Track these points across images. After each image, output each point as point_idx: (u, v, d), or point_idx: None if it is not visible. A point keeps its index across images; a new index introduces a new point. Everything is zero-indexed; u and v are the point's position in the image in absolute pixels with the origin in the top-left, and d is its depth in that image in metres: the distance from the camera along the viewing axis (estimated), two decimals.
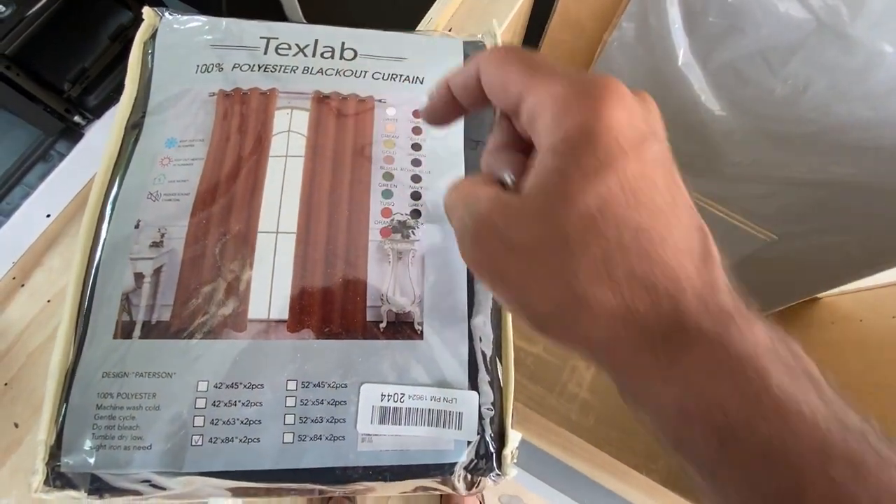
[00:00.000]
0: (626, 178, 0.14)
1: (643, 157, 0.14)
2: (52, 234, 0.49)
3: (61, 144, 0.86)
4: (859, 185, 0.62)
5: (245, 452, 0.21)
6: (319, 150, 0.25)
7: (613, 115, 0.14)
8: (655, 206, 0.14)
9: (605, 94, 0.14)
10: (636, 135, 0.14)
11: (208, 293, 0.22)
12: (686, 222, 0.15)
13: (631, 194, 0.14)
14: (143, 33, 0.28)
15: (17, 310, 0.46)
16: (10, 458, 0.43)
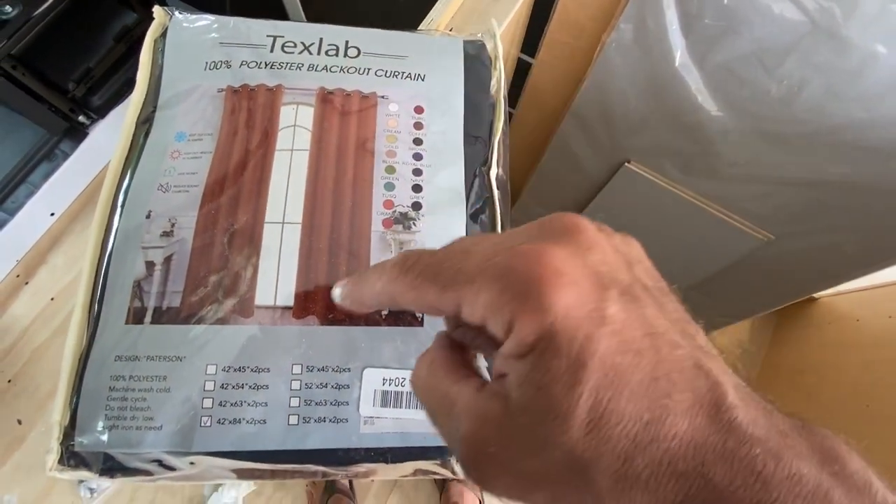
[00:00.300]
0: (605, 365, 0.13)
1: (611, 329, 0.13)
2: (56, 233, 0.50)
3: (66, 144, 0.87)
4: (855, 185, 0.63)
5: (252, 434, 0.22)
6: (324, 144, 0.26)
7: (559, 302, 0.13)
8: (645, 377, 0.13)
9: (538, 284, 0.13)
10: (592, 306, 0.13)
11: (217, 281, 0.23)
12: (682, 366, 0.13)
13: (618, 379, 0.13)
14: (154, 31, 0.28)
15: (21, 307, 0.47)
16: (13, 455, 0.43)
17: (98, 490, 0.47)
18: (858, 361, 0.85)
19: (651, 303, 0.14)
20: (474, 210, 0.27)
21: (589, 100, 0.70)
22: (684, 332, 0.14)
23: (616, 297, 0.14)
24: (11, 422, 0.44)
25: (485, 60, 0.31)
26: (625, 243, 0.16)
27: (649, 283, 0.15)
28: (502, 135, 0.30)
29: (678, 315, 0.15)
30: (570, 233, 0.15)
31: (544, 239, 0.15)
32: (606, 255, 0.15)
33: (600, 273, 0.14)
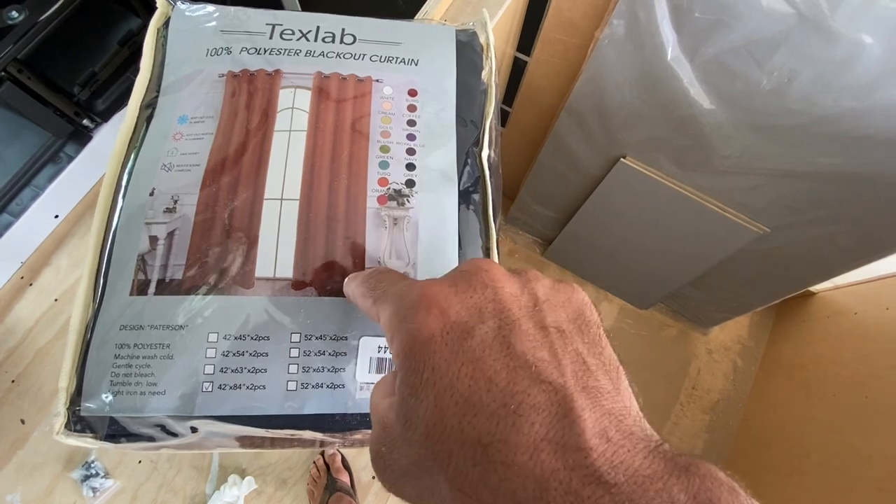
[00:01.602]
0: (452, 387, 0.14)
1: (468, 357, 0.15)
2: (60, 235, 0.51)
3: (70, 147, 0.88)
4: (847, 175, 0.64)
5: (251, 399, 0.23)
6: (321, 125, 0.27)
7: (424, 327, 0.15)
8: (493, 401, 0.14)
9: (416, 312, 0.16)
10: (455, 334, 0.15)
11: (218, 254, 0.24)
12: (536, 400, 0.14)
13: (463, 402, 0.14)
14: (157, 20, 0.30)
15: (25, 308, 0.48)
16: (15, 455, 0.44)
17: (101, 489, 0.48)
18: (857, 354, 0.86)
19: (538, 341, 0.15)
20: (465, 188, 0.28)
21: (584, 96, 0.72)
22: (577, 373, 0.15)
23: (485, 330, 0.15)
24: (15, 422, 0.45)
25: (476, 48, 0.33)
26: (551, 288, 0.18)
27: (559, 325, 0.16)
28: (494, 119, 0.31)
29: (582, 357, 0.15)
30: (470, 274, 0.17)
31: (445, 278, 0.17)
32: (500, 294, 0.16)
33: (479, 309, 0.16)
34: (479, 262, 0.18)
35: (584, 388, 0.14)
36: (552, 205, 1.03)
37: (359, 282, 0.21)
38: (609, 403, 0.14)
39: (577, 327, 0.17)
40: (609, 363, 0.16)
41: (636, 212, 0.87)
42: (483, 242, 0.27)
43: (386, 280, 0.20)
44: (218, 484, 0.52)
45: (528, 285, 0.17)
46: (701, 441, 1.08)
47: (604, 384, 0.15)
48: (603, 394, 0.14)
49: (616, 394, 0.15)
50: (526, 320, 0.16)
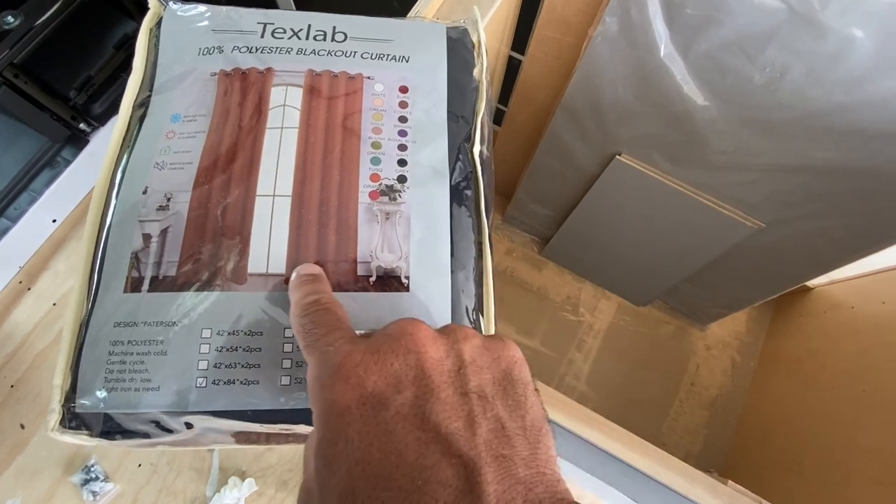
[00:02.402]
0: (366, 462, 0.14)
1: (379, 428, 0.15)
2: (57, 239, 0.51)
3: (67, 151, 0.88)
4: (840, 169, 0.64)
5: (245, 394, 0.23)
6: (312, 122, 0.27)
7: (340, 400, 0.16)
8: (402, 477, 0.14)
9: (334, 381, 0.16)
10: (369, 408, 0.15)
11: (211, 250, 0.24)
12: (444, 475, 0.14)
13: (373, 476, 0.14)
14: (149, 21, 0.30)
15: (23, 313, 0.48)
16: (15, 459, 0.44)
17: (101, 493, 0.48)
18: (854, 348, 0.86)
19: (454, 410, 0.15)
20: (457, 184, 0.28)
21: (578, 93, 0.72)
22: (492, 441, 0.15)
23: (401, 401, 0.15)
24: (14, 426, 0.45)
25: (468, 44, 0.33)
26: (480, 347, 0.18)
27: (482, 389, 0.16)
28: (485, 115, 0.31)
29: (501, 422, 0.16)
30: (393, 339, 0.17)
31: (369, 343, 0.18)
32: (422, 359, 0.17)
33: (397, 378, 0.16)
34: (405, 324, 0.18)
35: (496, 458, 0.14)
36: (549, 203, 1.04)
37: (295, 311, 0.21)
38: (522, 471, 0.14)
39: (502, 389, 0.17)
40: (531, 425, 0.16)
41: (632, 209, 0.88)
42: (475, 237, 0.28)
43: (319, 326, 0.19)
44: (218, 486, 0.52)
45: (454, 347, 0.17)
46: (700, 437, 1.08)
47: (520, 450, 0.15)
48: (516, 461, 0.15)
49: (532, 459, 0.15)
50: (446, 387, 0.16)
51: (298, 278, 0.23)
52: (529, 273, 1.19)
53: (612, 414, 0.41)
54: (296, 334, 0.20)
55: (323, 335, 0.19)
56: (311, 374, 0.18)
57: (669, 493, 0.36)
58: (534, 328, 1.13)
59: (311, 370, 0.18)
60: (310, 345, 0.19)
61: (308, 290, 0.22)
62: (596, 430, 0.36)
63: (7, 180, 0.87)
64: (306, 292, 0.22)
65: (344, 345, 0.18)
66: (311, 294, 0.21)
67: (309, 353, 0.19)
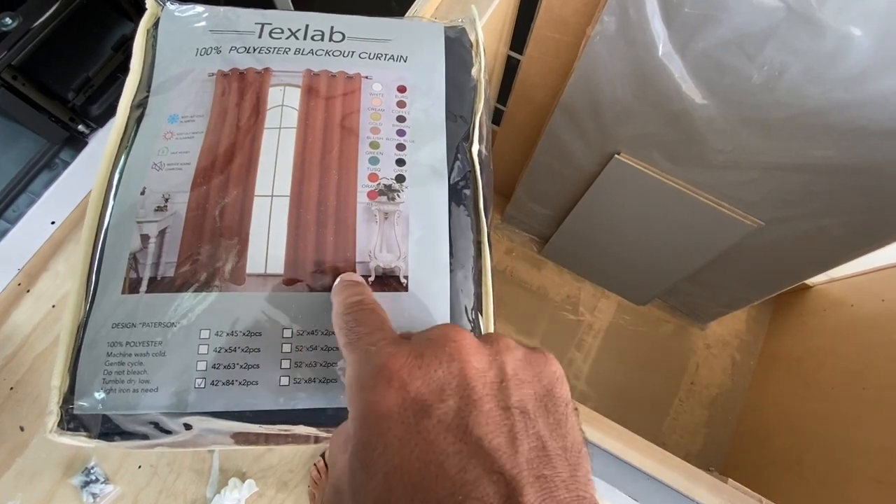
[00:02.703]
0: (404, 470, 0.14)
1: (421, 437, 0.15)
2: (56, 241, 0.51)
3: (65, 153, 0.88)
4: (839, 167, 0.64)
5: (244, 394, 0.23)
6: (310, 122, 0.27)
7: (382, 403, 0.15)
8: (442, 489, 0.14)
9: (377, 383, 0.16)
10: (410, 414, 0.15)
11: (209, 251, 0.24)
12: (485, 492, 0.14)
13: (412, 485, 0.14)
14: (147, 21, 0.30)
15: (22, 315, 0.48)
16: (15, 461, 0.44)
17: (101, 494, 0.48)
18: (854, 346, 0.86)
19: (497, 425, 0.15)
20: (456, 183, 0.28)
21: (577, 93, 0.72)
22: (534, 460, 0.15)
23: (444, 410, 0.15)
24: (14, 429, 0.45)
25: (465, 44, 0.33)
26: (522, 360, 0.17)
27: (524, 405, 0.16)
28: (484, 115, 0.31)
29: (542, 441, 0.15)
30: (437, 345, 0.17)
31: (412, 345, 0.17)
32: (466, 369, 0.16)
33: (441, 385, 0.16)
34: (449, 330, 0.17)
35: (537, 478, 0.14)
36: (548, 203, 1.04)
37: (339, 309, 0.21)
38: (562, 493, 0.14)
39: (544, 406, 0.16)
40: (571, 447, 0.16)
41: (632, 208, 0.88)
42: (474, 236, 0.28)
43: (362, 324, 0.19)
44: (219, 487, 0.52)
45: (497, 358, 0.17)
46: (700, 436, 1.08)
47: (561, 471, 0.15)
48: (557, 483, 0.14)
49: (572, 482, 0.15)
50: (489, 400, 0.16)
51: (342, 283, 0.23)
52: (529, 272, 1.19)
53: (612, 413, 0.41)
54: (337, 332, 0.20)
55: (366, 334, 0.19)
56: (350, 373, 0.18)
57: (671, 492, 0.36)
58: (533, 328, 1.13)
59: (350, 368, 0.18)
60: (351, 342, 0.19)
61: (353, 292, 0.22)
62: (597, 430, 0.36)
63: (5, 182, 0.87)
64: (351, 293, 0.21)
65: (387, 346, 0.17)
66: (355, 295, 0.21)
67: (350, 351, 0.19)
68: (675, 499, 0.35)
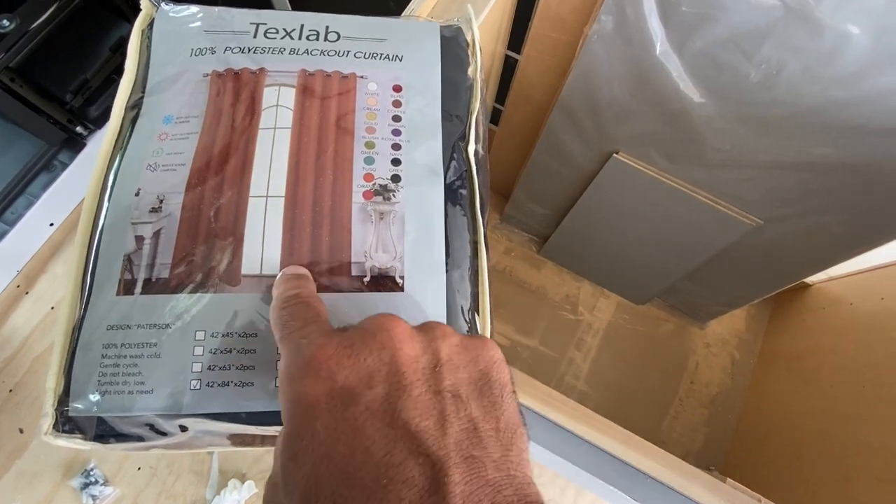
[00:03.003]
0: (331, 458, 0.14)
1: (347, 424, 0.15)
2: (55, 243, 0.50)
3: (64, 154, 0.88)
4: (838, 166, 0.64)
5: (240, 396, 0.23)
6: (305, 122, 0.27)
7: (310, 393, 0.15)
8: (367, 475, 0.14)
9: (304, 374, 0.16)
10: (337, 403, 0.15)
11: (204, 252, 0.24)
12: (410, 474, 0.14)
13: (338, 472, 0.14)
14: (141, 22, 0.30)
15: (21, 317, 0.48)
16: (14, 464, 0.44)
17: (100, 496, 0.48)
18: (854, 344, 0.86)
19: (426, 408, 0.15)
20: (452, 183, 0.28)
21: (575, 92, 0.72)
22: (463, 441, 0.15)
23: (371, 397, 0.15)
24: (13, 431, 0.45)
25: (461, 43, 0.33)
26: (458, 346, 0.17)
27: (456, 389, 0.16)
28: (480, 114, 0.31)
29: (474, 423, 0.15)
30: (369, 334, 0.17)
31: (344, 336, 0.17)
32: (397, 356, 0.16)
33: (370, 373, 0.16)
34: (383, 319, 0.17)
35: (465, 459, 0.14)
36: (547, 202, 1.03)
37: (274, 304, 0.21)
38: (492, 473, 0.14)
39: (478, 389, 0.16)
40: (506, 427, 0.16)
41: (630, 207, 0.87)
42: (470, 236, 0.28)
43: (296, 318, 0.19)
44: (218, 489, 0.52)
45: (431, 344, 0.17)
46: (701, 435, 1.08)
47: (491, 451, 0.15)
48: (487, 463, 0.14)
49: (503, 462, 0.15)
50: (419, 385, 0.16)
51: (283, 276, 0.23)
52: (528, 272, 1.18)
53: (611, 412, 0.41)
54: (272, 326, 0.20)
55: (298, 328, 0.19)
56: (282, 366, 0.18)
57: (669, 491, 0.36)
58: (533, 327, 1.13)
59: (282, 362, 0.18)
60: (284, 336, 0.19)
61: (290, 286, 0.22)
62: (595, 430, 0.36)
63: (4, 184, 0.87)
64: (288, 287, 0.22)
65: (318, 338, 0.17)
66: (293, 288, 0.21)
67: (283, 345, 0.19)
68: (673, 498, 0.35)
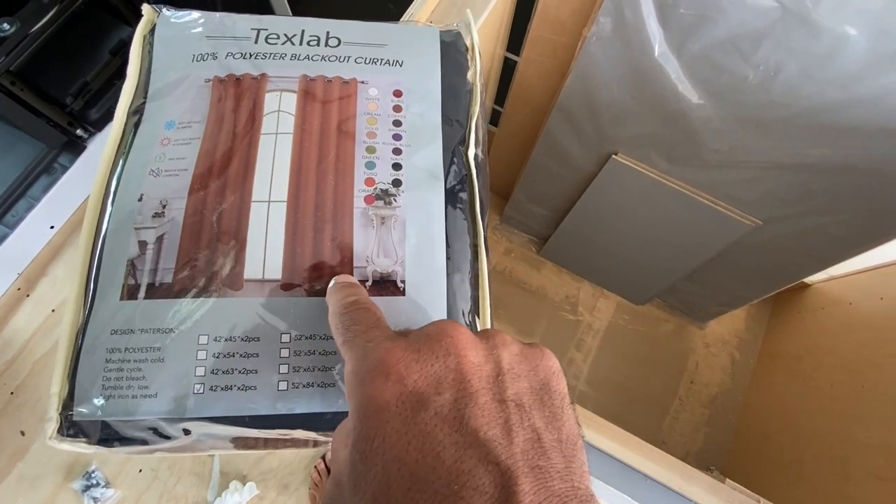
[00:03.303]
0: (402, 461, 0.14)
1: (418, 429, 0.15)
2: (55, 245, 0.51)
3: (64, 157, 0.88)
4: (836, 166, 0.64)
5: (243, 399, 0.23)
6: (307, 128, 0.28)
7: (380, 396, 0.16)
8: (438, 479, 0.14)
9: (374, 377, 0.16)
10: (408, 406, 0.15)
11: (207, 256, 0.24)
12: (481, 482, 0.14)
13: (409, 475, 0.14)
14: (143, 28, 0.30)
15: (22, 319, 0.48)
16: (16, 466, 0.44)
17: (102, 499, 0.48)
18: (853, 344, 0.86)
19: (493, 417, 0.15)
20: (452, 187, 0.28)
21: (574, 94, 0.72)
22: (529, 451, 0.15)
23: (440, 403, 0.15)
24: (14, 433, 0.45)
25: (461, 48, 0.33)
26: (518, 355, 0.18)
27: (519, 398, 0.16)
28: (479, 118, 0.31)
29: (537, 433, 0.15)
30: (434, 339, 0.17)
31: (410, 341, 0.18)
32: (462, 363, 0.16)
33: (437, 379, 0.16)
34: (445, 325, 0.18)
35: (532, 469, 0.14)
36: (547, 203, 1.04)
37: (335, 309, 0.21)
38: (557, 484, 0.14)
39: (539, 399, 0.17)
40: (567, 439, 0.16)
41: (630, 208, 0.88)
42: (471, 240, 0.28)
43: (359, 323, 0.19)
44: (219, 491, 0.52)
45: (493, 352, 0.17)
46: (701, 435, 1.08)
47: (555, 462, 0.15)
48: (552, 474, 0.15)
49: (567, 473, 0.15)
50: (485, 393, 0.16)
51: (337, 284, 0.23)
52: (528, 273, 1.19)
53: (612, 413, 0.41)
54: (334, 331, 0.20)
55: (363, 331, 0.19)
56: (349, 369, 0.18)
57: (668, 492, 0.36)
58: (533, 328, 1.13)
59: (349, 364, 0.18)
60: (349, 340, 0.19)
61: (348, 293, 0.22)
62: (593, 431, 0.36)
63: (5, 187, 0.87)
64: (346, 294, 0.22)
65: (384, 342, 0.18)
66: (350, 295, 0.22)
67: (347, 349, 0.19)
68: (672, 499, 0.35)
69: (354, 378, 0.17)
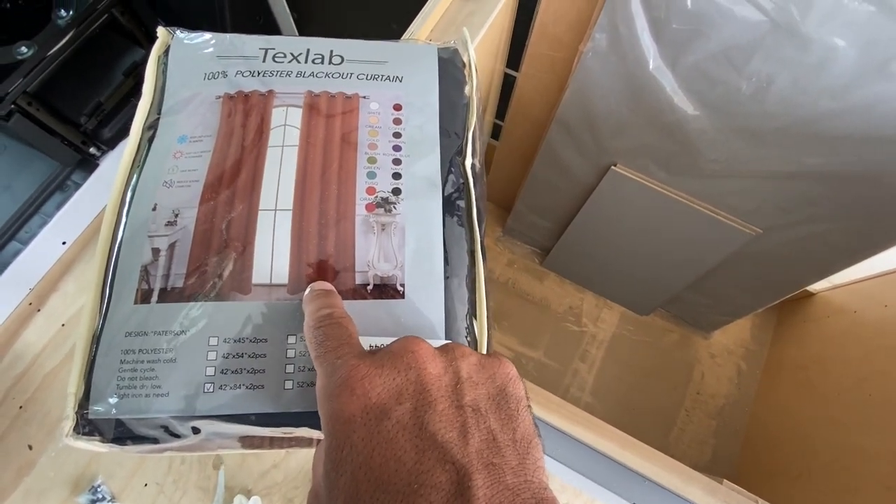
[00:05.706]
0: (368, 466, 0.16)
1: (381, 436, 0.17)
2: (67, 261, 0.52)
3: (77, 175, 0.90)
4: (832, 174, 0.65)
5: (251, 398, 0.24)
6: (311, 140, 0.29)
7: (346, 410, 0.17)
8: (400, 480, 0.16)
9: (341, 392, 0.18)
10: (371, 417, 0.17)
11: (217, 262, 0.26)
12: (438, 479, 0.16)
13: (375, 479, 0.16)
14: (158, 49, 0.32)
15: (33, 334, 0.49)
16: (23, 481, 0.45)
17: None
18: (858, 352, 0.86)
19: (450, 421, 0.17)
20: (450, 195, 0.30)
21: (572, 107, 0.74)
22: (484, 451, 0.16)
23: (401, 412, 0.17)
24: (22, 448, 0.46)
25: (458, 64, 0.35)
26: (476, 365, 0.19)
27: (476, 403, 0.18)
28: (476, 130, 0.33)
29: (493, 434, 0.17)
30: (396, 356, 0.19)
31: (374, 359, 0.19)
32: (422, 375, 0.18)
33: (399, 391, 0.18)
34: (408, 342, 0.19)
35: (486, 466, 0.16)
36: (548, 215, 1.05)
37: (309, 322, 0.22)
38: (510, 478, 0.16)
39: (496, 403, 0.18)
40: (521, 438, 0.18)
41: (630, 218, 0.89)
42: (468, 245, 0.29)
43: (330, 338, 0.21)
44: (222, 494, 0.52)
45: (452, 364, 0.19)
46: (709, 447, 1.07)
47: (509, 459, 0.16)
48: (505, 470, 0.16)
49: (520, 468, 0.16)
50: (443, 400, 0.18)
51: (312, 292, 0.24)
52: (531, 284, 1.19)
53: (618, 424, 0.41)
54: (308, 344, 0.22)
55: (333, 348, 0.20)
56: (319, 384, 0.20)
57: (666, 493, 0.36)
58: (537, 339, 1.13)
59: (319, 380, 0.20)
60: (320, 356, 0.21)
61: (322, 304, 0.23)
62: (592, 432, 0.36)
63: (19, 204, 0.89)
64: (320, 305, 0.23)
65: (351, 359, 0.19)
66: (324, 308, 0.23)
67: (319, 364, 0.20)
68: (671, 500, 0.35)
69: (324, 393, 0.19)
